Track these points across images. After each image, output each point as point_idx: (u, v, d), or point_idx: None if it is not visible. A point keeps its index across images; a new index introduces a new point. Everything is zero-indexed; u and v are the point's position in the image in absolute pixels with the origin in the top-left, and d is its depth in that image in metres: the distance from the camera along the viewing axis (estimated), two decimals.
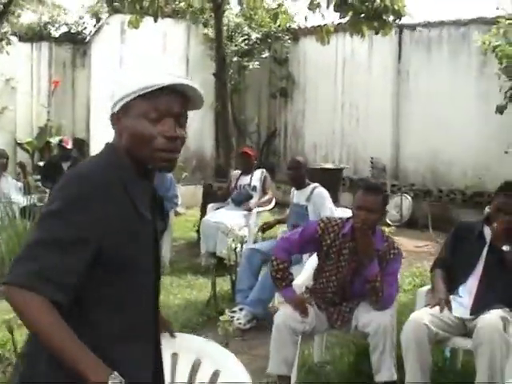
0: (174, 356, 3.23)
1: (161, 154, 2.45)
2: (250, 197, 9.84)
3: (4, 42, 8.43)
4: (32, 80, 14.79)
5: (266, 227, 8.66)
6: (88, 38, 15.29)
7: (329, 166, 13.41)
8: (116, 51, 14.83)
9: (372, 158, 14.15)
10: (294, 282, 5.51)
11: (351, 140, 14.89)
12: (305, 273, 6.06)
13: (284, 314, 5.32)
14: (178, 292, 8.35)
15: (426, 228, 12.54)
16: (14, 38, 13.18)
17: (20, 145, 14.40)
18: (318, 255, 5.52)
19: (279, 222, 8.70)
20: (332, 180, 11.36)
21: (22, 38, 14.37)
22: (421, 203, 13.09)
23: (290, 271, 5.45)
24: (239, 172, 10.27)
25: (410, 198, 13.26)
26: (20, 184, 10.63)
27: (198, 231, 10.36)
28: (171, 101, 2.44)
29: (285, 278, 5.36)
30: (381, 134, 14.00)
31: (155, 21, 11.27)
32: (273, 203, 10.14)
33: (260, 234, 8.99)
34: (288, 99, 16.39)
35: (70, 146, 10.73)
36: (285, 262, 5.36)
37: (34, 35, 14.86)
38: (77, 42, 15.34)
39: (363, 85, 14.38)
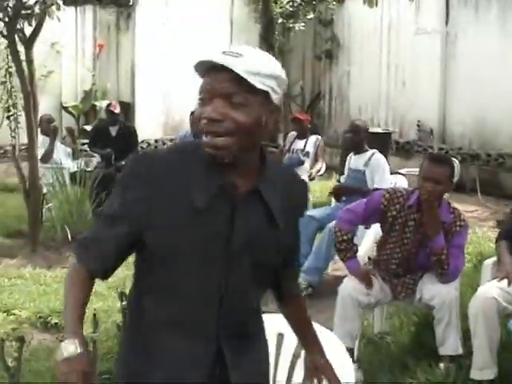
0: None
1: (203, 138, 2.27)
2: (302, 163, 9.75)
3: (54, 7, 8.30)
4: (76, 44, 14.72)
5: (336, 191, 8.07)
6: (132, 0, 15.18)
7: (377, 129, 13.25)
8: (160, 13, 14.71)
9: (419, 121, 13.99)
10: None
11: (397, 103, 14.71)
12: (366, 243, 6.01)
13: (349, 286, 5.27)
14: None
15: (474, 192, 12.39)
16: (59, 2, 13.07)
17: (65, 109, 14.38)
18: (381, 227, 5.45)
19: (354, 190, 7.74)
20: (381, 144, 11.21)
21: (66, 2, 14.26)
22: (468, 167, 12.89)
23: (354, 242, 5.39)
24: (295, 134, 10.18)
25: (457, 161, 13.08)
26: (69, 149, 10.62)
27: None
28: (216, 79, 2.22)
29: (349, 249, 5.30)
30: (427, 97, 13.81)
31: None
32: (322, 171, 10.06)
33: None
34: (333, 61, 16.22)
35: (117, 110, 10.64)
36: (348, 233, 5.30)
37: None
38: (121, 5, 15.23)
39: (409, 47, 14.16)
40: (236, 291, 2.38)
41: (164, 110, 14.87)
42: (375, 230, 5.90)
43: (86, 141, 12.39)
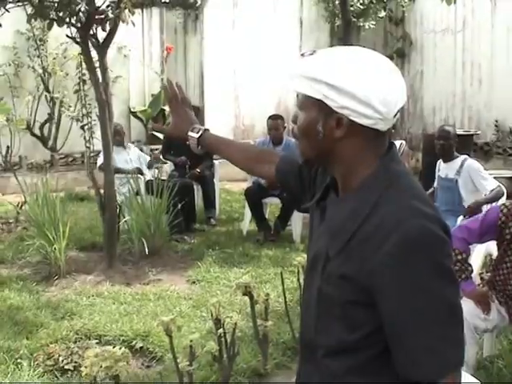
0: None
1: None
2: None
3: (127, 11, 7.98)
4: (144, 47, 14.49)
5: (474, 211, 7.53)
6: (199, 2, 14.87)
7: (459, 131, 12.70)
8: (228, 15, 14.39)
9: (496, 120, 13.43)
10: None
11: (473, 102, 14.13)
12: (476, 261, 5.54)
13: (464, 310, 4.80)
14: None
15: None
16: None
17: (134, 113, 14.11)
18: (497, 244, 4.97)
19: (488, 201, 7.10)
20: (463, 147, 10.68)
21: (133, 5, 14.02)
22: None
23: (470, 262, 4.93)
24: None
25: None
26: (147, 157, 10.31)
27: None
28: None
29: (464, 270, 4.84)
30: (505, 95, 13.20)
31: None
32: None
33: None
34: (405, 60, 15.73)
35: None
36: (463, 253, 4.83)
37: (145, 1, 14.50)
38: (188, 7, 14.93)
39: (485, 44, 13.59)
40: (307, 314, 2.21)
41: (234, 113, 14.52)
42: (484, 247, 5.43)
43: (155, 147, 12.14)
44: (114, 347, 3.97)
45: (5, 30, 11.70)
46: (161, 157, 10.41)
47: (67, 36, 7.89)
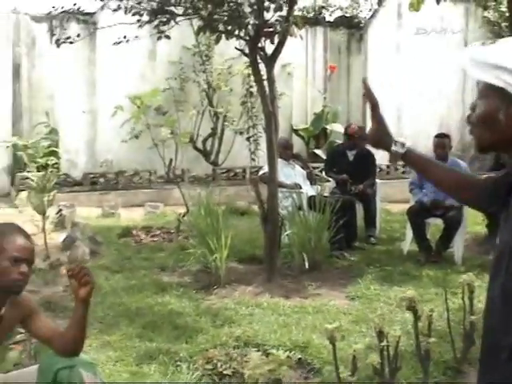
0: None
1: None
2: None
3: (294, 27, 8.01)
4: (307, 65, 14.54)
5: None
6: (363, 22, 14.81)
7: None
8: (392, 37, 14.25)
9: None
10: None
11: None
12: None
13: None
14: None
15: None
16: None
17: (296, 131, 14.15)
18: None
19: None
20: None
21: (302, 19, 14.11)
22: None
23: None
24: None
25: None
26: (305, 172, 10.29)
27: (488, 225, 9.63)
28: None
29: None
30: None
31: (438, 3, 10.47)
32: None
33: None
34: None
35: (357, 134, 10.19)
36: None
37: (310, 20, 14.56)
38: (352, 27, 14.92)
39: None
40: (491, 316, 2.13)
41: (396, 133, 14.26)
42: None
43: (317, 165, 12.12)
44: None
45: (172, 46, 12.12)
46: (323, 174, 10.38)
47: (236, 48, 7.99)
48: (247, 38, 7.81)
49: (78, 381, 3.92)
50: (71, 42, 8.85)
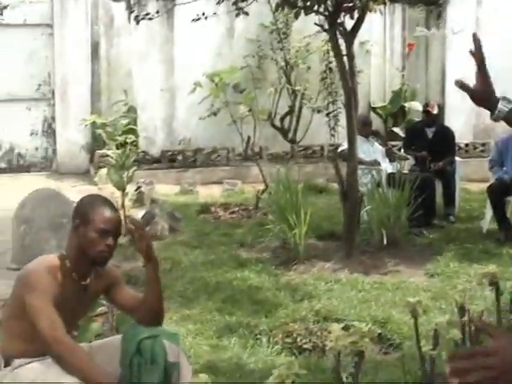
0: None
1: None
2: None
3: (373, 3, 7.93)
4: (385, 43, 14.38)
5: None
6: None
7: None
8: (472, 13, 13.98)
9: None
10: None
11: None
12: None
13: None
14: None
15: None
16: None
17: (374, 109, 14.04)
18: None
19: None
20: None
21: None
22: None
23: None
24: None
25: None
26: (383, 149, 10.22)
27: None
28: None
29: None
30: None
31: None
32: None
33: None
34: None
35: (435, 111, 10.06)
36: None
37: None
38: (431, 3, 14.69)
39: None
40: None
41: (475, 112, 14.10)
42: None
43: (395, 143, 12.03)
44: None
45: (249, 23, 12.12)
46: (402, 151, 10.29)
47: (315, 24, 7.97)
48: (326, 13, 7.78)
49: (160, 351, 3.98)
50: (150, 19, 8.92)
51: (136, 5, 12.38)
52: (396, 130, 13.48)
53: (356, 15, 7.77)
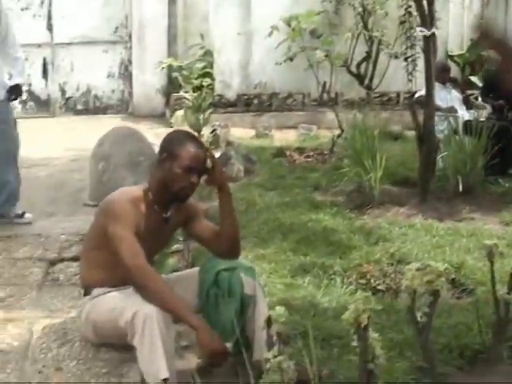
0: None
1: None
2: None
3: None
4: None
5: None
6: None
7: None
8: None
9: None
10: None
11: None
12: None
13: None
14: None
15: None
16: None
17: (451, 57, 13.83)
18: None
19: None
20: None
21: None
22: None
23: None
24: None
25: None
26: (461, 96, 10.12)
27: None
28: None
29: None
30: None
31: None
32: None
33: None
34: None
35: None
36: None
37: None
38: None
39: None
40: None
41: None
42: None
43: (472, 91, 11.89)
44: None
45: None
46: (479, 100, 10.17)
47: None
48: None
49: (237, 283, 4.06)
50: None
51: None
52: (473, 78, 13.29)
53: None
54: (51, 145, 10.49)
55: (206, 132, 10.13)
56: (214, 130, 10.67)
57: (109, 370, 4.00)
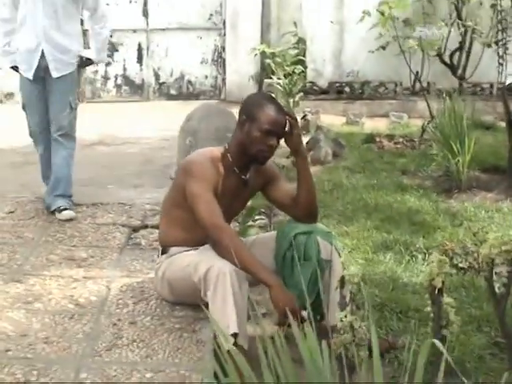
0: None
1: None
2: None
3: None
4: None
5: None
6: None
7: None
8: None
9: None
10: None
11: None
12: None
13: None
14: None
15: None
16: None
17: None
18: None
19: None
20: None
21: None
22: None
23: None
24: None
25: None
26: None
27: None
28: None
29: None
30: None
31: None
32: None
33: None
34: None
35: None
36: None
37: None
38: None
39: None
40: None
41: None
42: None
43: None
44: None
45: None
46: None
47: None
48: None
49: (314, 247, 4.07)
50: None
51: None
52: None
53: None
54: (143, 126, 10.67)
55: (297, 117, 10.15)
56: (305, 116, 10.69)
57: (182, 327, 4.08)
